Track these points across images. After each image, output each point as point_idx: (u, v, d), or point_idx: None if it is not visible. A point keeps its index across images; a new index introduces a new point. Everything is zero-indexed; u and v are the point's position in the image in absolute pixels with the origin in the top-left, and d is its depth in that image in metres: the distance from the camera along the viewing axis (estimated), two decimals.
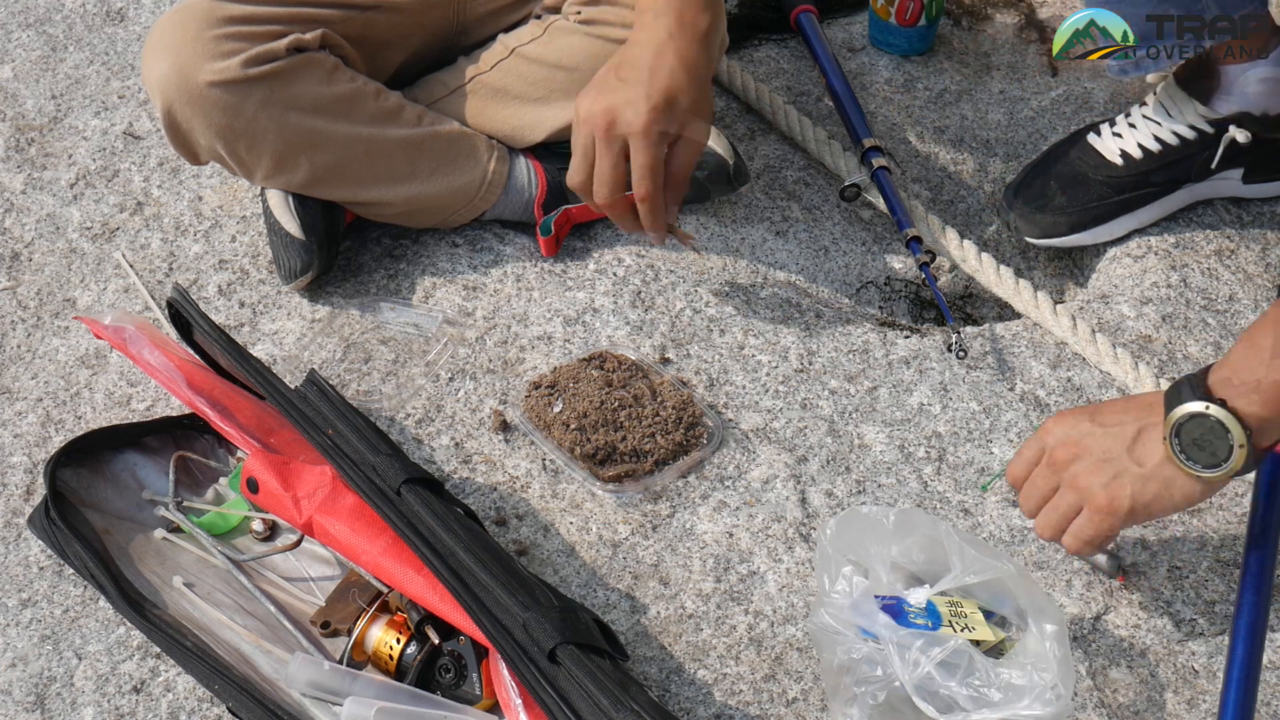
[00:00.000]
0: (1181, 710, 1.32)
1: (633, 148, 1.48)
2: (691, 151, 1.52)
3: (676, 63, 1.47)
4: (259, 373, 1.42)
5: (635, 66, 1.47)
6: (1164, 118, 1.67)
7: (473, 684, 1.29)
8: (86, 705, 1.36)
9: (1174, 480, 1.22)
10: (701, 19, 1.48)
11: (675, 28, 1.47)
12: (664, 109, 1.46)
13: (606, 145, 1.48)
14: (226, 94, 1.59)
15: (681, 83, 1.47)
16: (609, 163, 1.49)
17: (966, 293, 1.74)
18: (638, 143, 1.47)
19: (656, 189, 1.50)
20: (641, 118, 1.46)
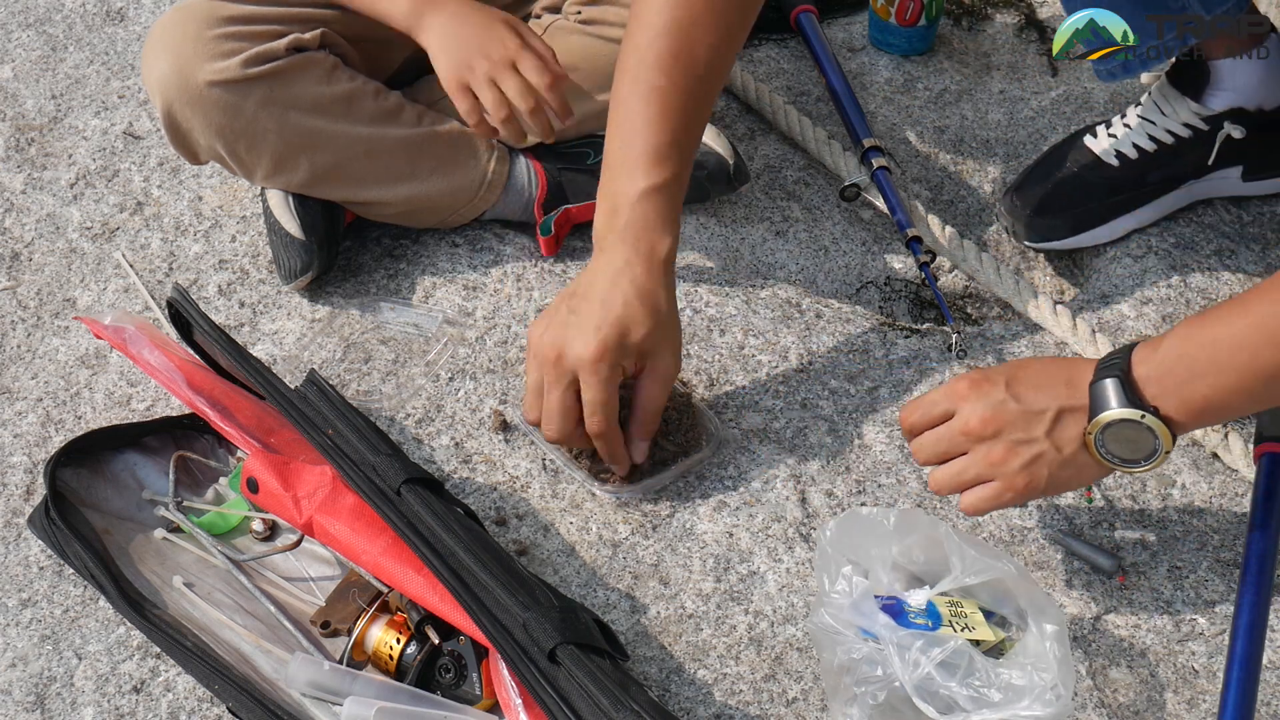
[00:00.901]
0: (1181, 710, 1.32)
1: (582, 383, 1.38)
2: (657, 385, 1.41)
3: (631, 292, 1.37)
4: (259, 373, 1.42)
5: (587, 297, 1.38)
6: (1158, 116, 1.67)
7: (473, 684, 1.29)
8: (86, 705, 1.36)
9: (1089, 466, 1.25)
10: (660, 244, 1.39)
11: (632, 255, 1.38)
12: (615, 342, 1.36)
13: (555, 380, 1.39)
14: (226, 94, 1.59)
15: (636, 314, 1.37)
16: (556, 397, 1.39)
17: (966, 293, 1.74)
18: (586, 378, 1.37)
19: (609, 426, 1.40)
20: (590, 350, 1.36)
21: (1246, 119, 1.64)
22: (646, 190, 1.40)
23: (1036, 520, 1.47)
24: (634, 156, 1.40)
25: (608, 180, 1.43)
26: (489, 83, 1.56)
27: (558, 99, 1.57)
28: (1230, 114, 1.64)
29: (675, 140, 1.41)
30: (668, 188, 1.40)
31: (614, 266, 1.39)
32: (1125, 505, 1.48)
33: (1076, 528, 1.46)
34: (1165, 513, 1.47)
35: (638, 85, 1.41)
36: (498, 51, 1.56)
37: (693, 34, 1.40)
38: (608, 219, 1.42)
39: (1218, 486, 1.49)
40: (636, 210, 1.40)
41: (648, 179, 1.40)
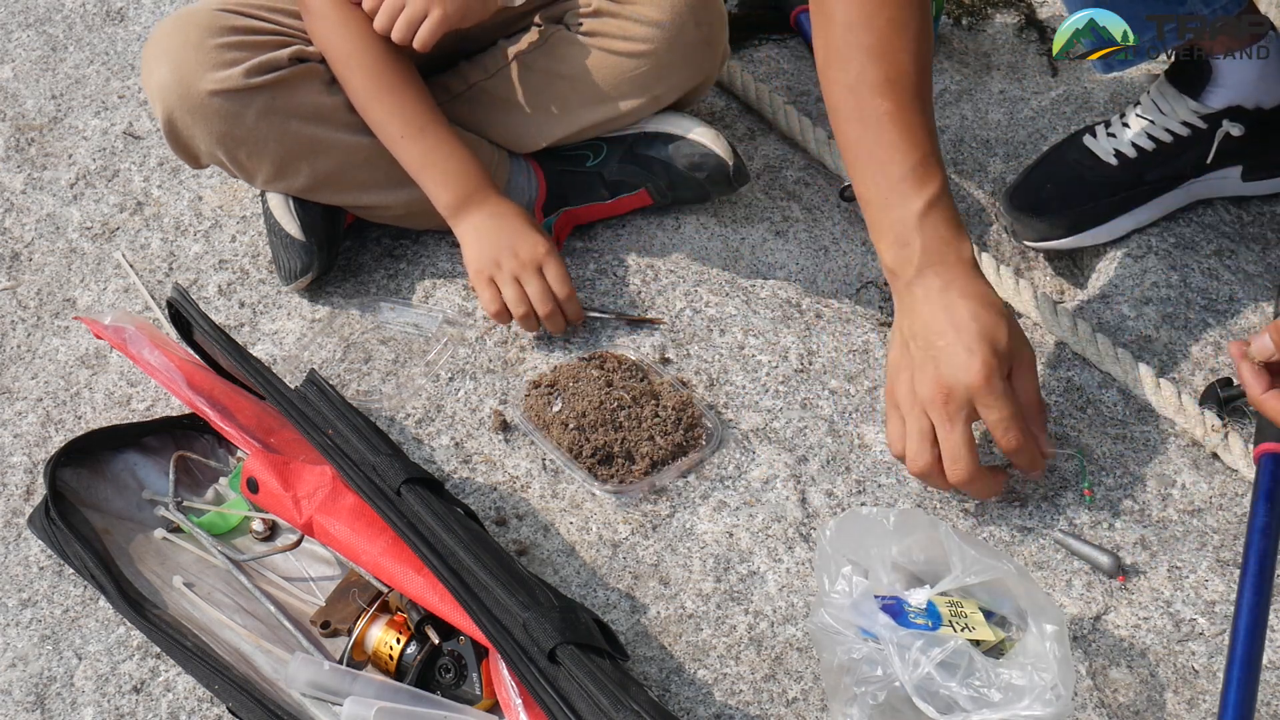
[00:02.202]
0: (1181, 710, 1.32)
1: (981, 408, 1.36)
2: (1028, 376, 1.40)
3: (975, 305, 1.37)
4: (259, 373, 1.42)
5: (934, 330, 1.37)
6: (1156, 115, 1.67)
7: (473, 684, 1.29)
8: (86, 705, 1.36)
9: None
10: (964, 249, 1.40)
11: (945, 272, 1.38)
12: (992, 356, 1.35)
13: (951, 417, 1.36)
14: (227, 103, 1.59)
15: (989, 321, 1.36)
16: (959, 434, 1.36)
17: None
18: (985, 400, 1.35)
19: (1025, 434, 1.37)
20: (978, 375, 1.34)
21: (1245, 117, 1.64)
22: (924, 208, 1.39)
23: (1036, 520, 1.47)
24: (896, 183, 1.40)
25: (879, 217, 1.42)
26: (513, 280, 1.62)
27: (574, 309, 1.64)
28: (1229, 112, 1.64)
29: (926, 153, 1.40)
30: (942, 198, 1.40)
31: (937, 291, 1.38)
32: (1125, 505, 1.48)
33: (1076, 528, 1.46)
34: (1165, 513, 1.47)
35: (865, 120, 1.41)
36: (527, 253, 1.62)
37: (894, 52, 1.40)
38: (899, 251, 1.41)
39: (1218, 486, 1.49)
40: (925, 230, 1.39)
41: (921, 198, 1.39)
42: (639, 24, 1.65)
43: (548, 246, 1.64)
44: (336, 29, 1.63)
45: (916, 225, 1.39)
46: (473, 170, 1.66)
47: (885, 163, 1.40)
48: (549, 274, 1.63)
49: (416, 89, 1.65)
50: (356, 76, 1.63)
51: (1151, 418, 1.56)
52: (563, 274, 1.63)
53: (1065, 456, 1.50)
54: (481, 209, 1.65)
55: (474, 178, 1.65)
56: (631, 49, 1.66)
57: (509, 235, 1.64)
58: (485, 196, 1.66)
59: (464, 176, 1.65)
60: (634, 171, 1.74)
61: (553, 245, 1.66)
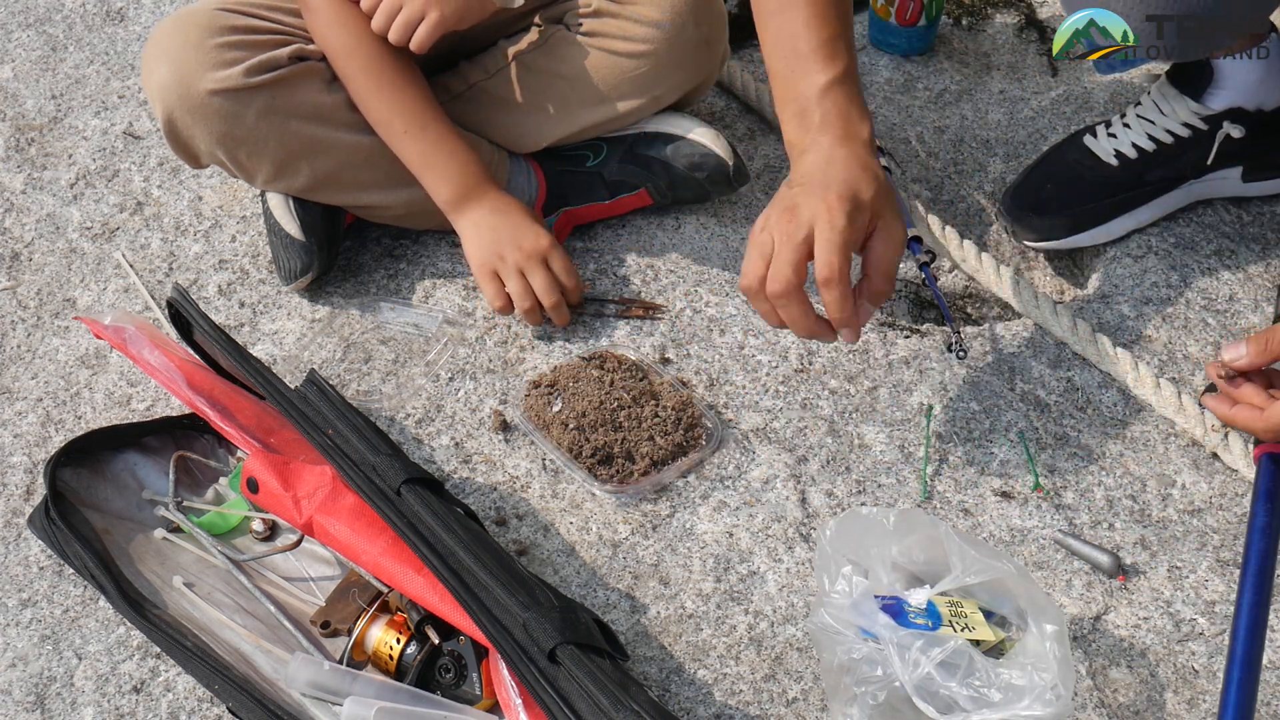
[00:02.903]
0: (1181, 710, 1.32)
1: (816, 230, 1.31)
2: (890, 246, 1.36)
3: (852, 164, 1.36)
4: (259, 373, 1.42)
5: (808, 177, 1.36)
6: (1157, 116, 1.67)
7: (473, 684, 1.29)
8: (86, 705, 1.36)
9: None
10: (861, 128, 1.40)
11: (837, 141, 1.38)
12: (849, 196, 1.33)
13: (786, 234, 1.32)
14: (227, 102, 1.59)
15: (861, 178, 1.35)
16: (788, 248, 1.32)
17: (966, 293, 1.74)
18: (820, 224, 1.31)
19: (844, 268, 1.31)
20: (824, 202, 1.32)
21: (1246, 119, 1.64)
22: (829, 83, 1.40)
23: (1036, 520, 1.47)
24: (804, 58, 1.41)
25: (784, 89, 1.42)
26: (517, 273, 1.63)
27: (577, 299, 1.66)
28: (1230, 114, 1.64)
29: (836, 34, 1.41)
30: (848, 77, 1.41)
31: (824, 154, 1.37)
32: (1125, 505, 1.48)
33: (1076, 528, 1.46)
34: (1165, 513, 1.47)
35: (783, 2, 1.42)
36: (530, 244, 1.64)
37: None
38: (799, 121, 1.41)
39: (1218, 486, 1.49)
40: (826, 104, 1.40)
41: (827, 74, 1.40)
42: (639, 24, 1.65)
43: (551, 239, 1.65)
44: (336, 26, 1.63)
45: (817, 99, 1.40)
46: (474, 166, 1.66)
47: (793, 39, 1.41)
48: (554, 265, 1.64)
49: (417, 85, 1.65)
50: (358, 73, 1.63)
51: (1151, 418, 1.56)
52: (568, 265, 1.65)
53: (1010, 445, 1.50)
54: (482, 204, 1.65)
55: (475, 173, 1.66)
56: (631, 49, 1.66)
57: (512, 229, 1.64)
58: (486, 192, 1.66)
59: (465, 172, 1.65)
60: (634, 171, 1.74)
61: (555, 238, 1.66)
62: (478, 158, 1.68)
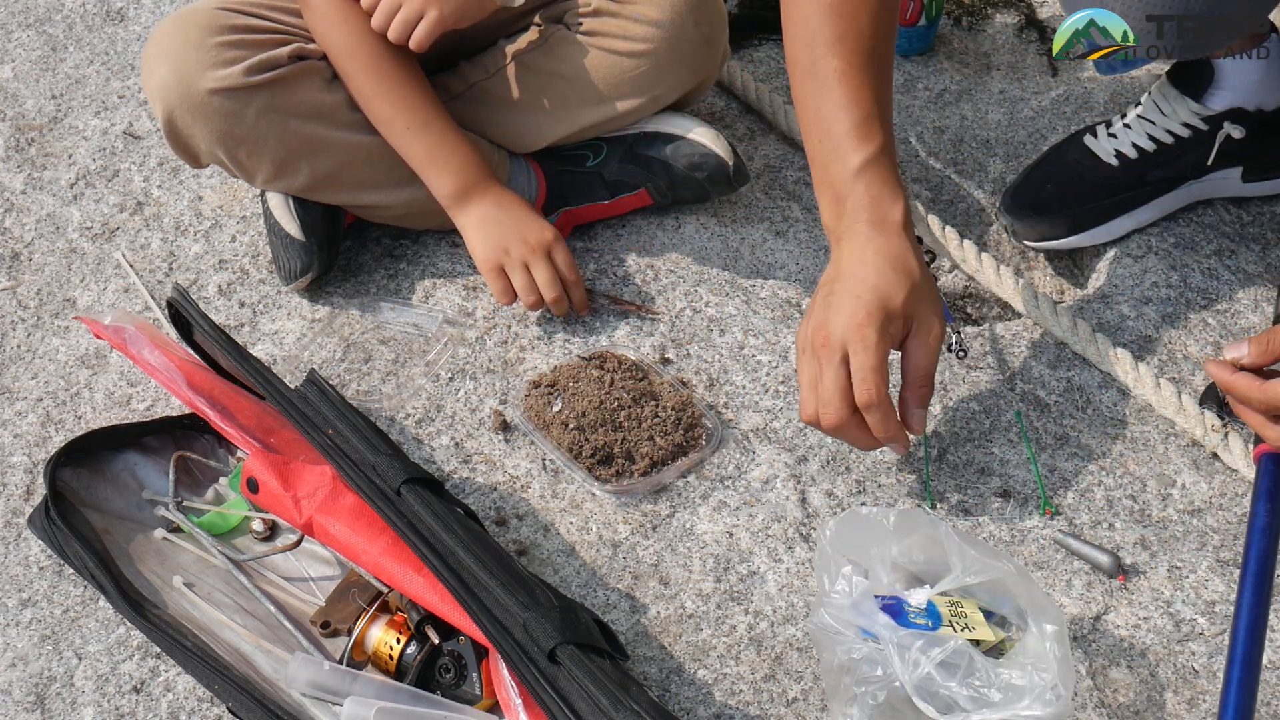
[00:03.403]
0: (1181, 710, 1.32)
1: (850, 352, 1.35)
2: (925, 347, 1.38)
3: (882, 262, 1.37)
4: (259, 373, 1.42)
5: (840, 279, 1.38)
6: (1158, 116, 1.67)
7: (473, 684, 1.29)
8: (86, 705, 1.36)
9: None
10: (894, 211, 1.40)
11: (869, 229, 1.39)
12: (877, 306, 1.35)
13: (826, 360, 1.35)
14: (227, 101, 1.59)
15: (891, 279, 1.36)
16: (831, 378, 1.35)
17: (966, 293, 1.74)
18: (853, 345, 1.34)
19: (880, 394, 1.35)
20: (855, 318, 1.34)
21: (1246, 119, 1.64)
22: (862, 166, 1.40)
23: (1036, 520, 1.47)
24: (838, 141, 1.41)
25: (821, 173, 1.43)
26: (522, 267, 1.64)
27: (580, 294, 1.66)
28: (1230, 114, 1.64)
29: (871, 113, 1.41)
30: (881, 157, 1.41)
31: (858, 246, 1.39)
32: (1125, 505, 1.48)
33: (1076, 528, 1.46)
34: (1165, 513, 1.47)
35: (817, 77, 1.42)
36: (535, 238, 1.64)
37: (851, 11, 1.41)
38: (834, 208, 1.42)
39: (1218, 486, 1.49)
40: (859, 188, 1.40)
41: (859, 155, 1.40)
42: (639, 24, 1.65)
43: (554, 232, 1.66)
44: (338, 24, 1.63)
45: (852, 182, 1.40)
46: (476, 162, 1.66)
47: (829, 119, 1.41)
48: (557, 259, 1.64)
49: (419, 82, 1.66)
50: (359, 71, 1.63)
51: (1151, 418, 1.56)
52: (570, 259, 1.65)
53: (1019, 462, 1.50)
54: (485, 199, 1.66)
55: (478, 169, 1.66)
56: (631, 49, 1.66)
57: (515, 223, 1.65)
58: (489, 187, 1.67)
59: (468, 168, 1.66)
60: (634, 171, 1.74)
61: (558, 231, 1.67)
62: (480, 154, 1.68)
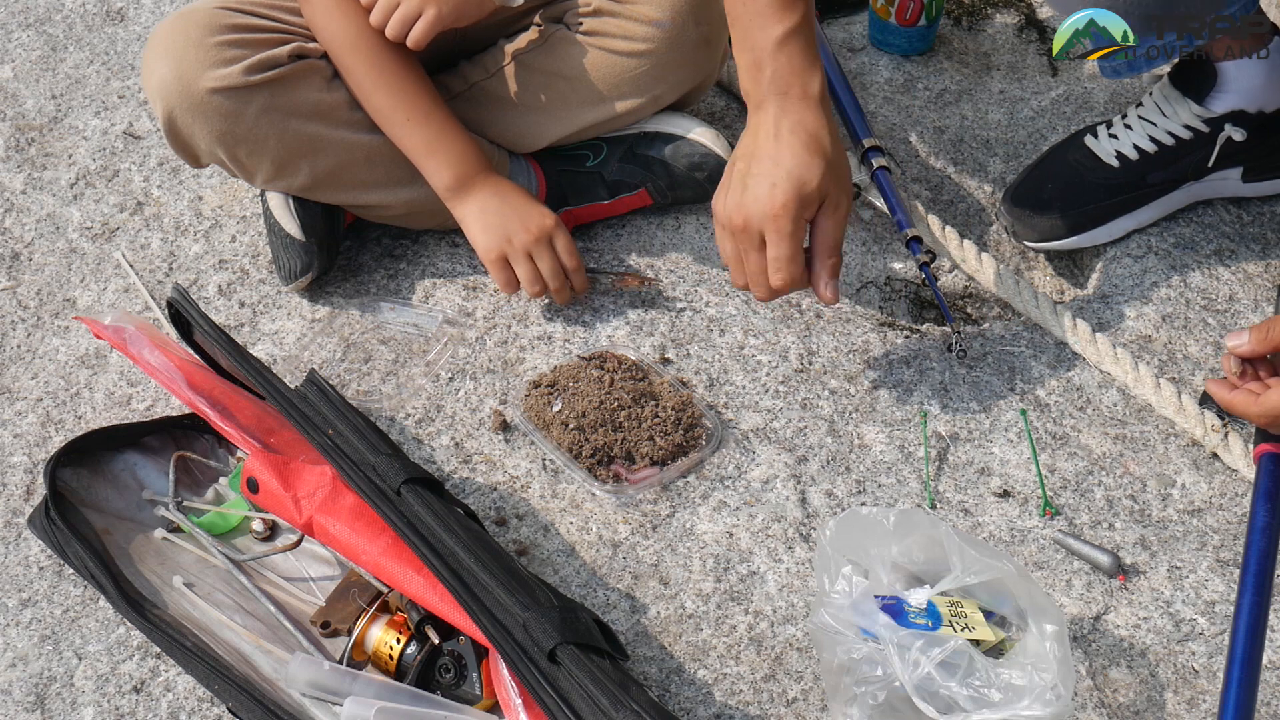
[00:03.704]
0: (1181, 710, 1.32)
1: (767, 240, 1.42)
2: (834, 221, 1.45)
3: (797, 141, 1.41)
4: (259, 373, 1.42)
5: (756, 156, 1.42)
6: (1159, 118, 1.67)
7: (473, 684, 1.29)
8: (86, 705, 1.36)
9: None
10: (811, 83, 1.43)
11: (785, 101, 1.42)
12: (793, 196, 1.40)
13: (748, 244, 1.43)
14: (227, 100, 1.59)
15: (806, 162, 1.40)
16: (754, 261, 1.44)
17: (966, 293, 1.74)
18: (770, 235, 1.41)
19: (795, 278, 1.44)
20: (771, 207, 1.40)
21: (1247, 121, 1.64)
22: (783, 36, 1.42)
23: (1036, 520, 1.47)
24: (760, 8, 1.43)
25: (742, 37, 1.45)
26: (525, 256, 1.64)
27: (581, 280, 1.67)
28: (1231, 116, 1.64)
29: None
30: (801, 28, 1.43)
31: (772, 119, 1.42)
32: (1125, 505, 1.48)
33: (1076, 528, 1.46)
34: (1165, 513, 1.47)
35: None
36: (536, 226, 1.64)
37: None
38: (753, 74, 1.45)
39: (1218, 486, 1.49)
40: (780, 57, 1.43)
41: (781, 26, 1.42)
42: (639, 24, 1.65)
43: (555, 219, 1.66)
44: (337, 18, 1.63)
45: (771, 52, 1.43)
46: (475, 153, 1.67)
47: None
48: (558, 246, 1.65)
49: (418, 75, 1.66)
50: (359, 64, 1.63)
51: (1151, 418, 1.56)
52: (571, 245, 1.66)
53: None
54: (484, 189, 1.66)
55: (477, 160, 1.67)
56: (632, 48, 1.66)
57: (516, 212, 1.65)
58: (488, 177, 1.67)
59: (467, 158, 1.66)
60: (634, 171, 1.74)
61: (559, 218, 1.68)
62: (478, 146, 1.68)
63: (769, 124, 1.43)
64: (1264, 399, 1.36)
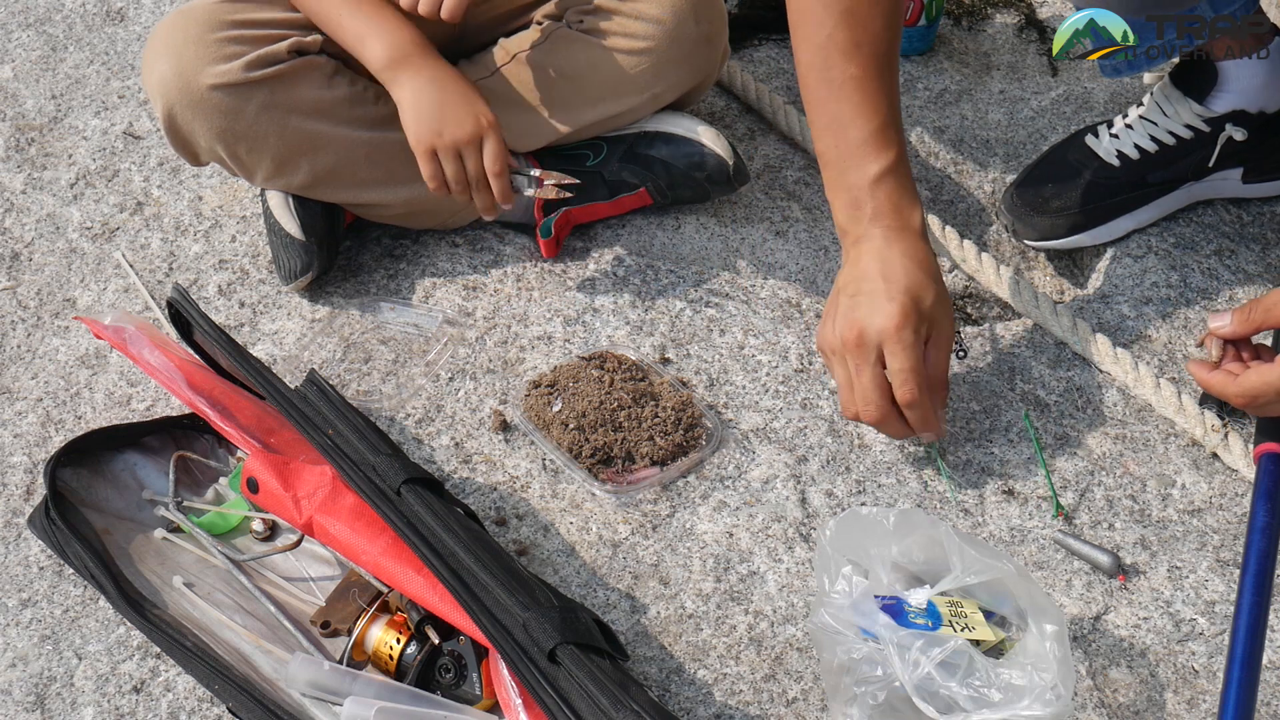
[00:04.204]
0: (1181, 710, 1.32)
1: (888, 354, 1.39)
2: (943, 349, 1.43)
3: (910, 263, 1.40)
4: (259, 373, 1.42)
5: (867, 279, 1.41)
6: (1160, 117, 1.67)
7: (473, 684, 1.29)
8: (86, 705, 1.36)
9: None
10: (913, 217, 1.43)
11: (891, 233, 1.42)
12: (912, 308, 1.38)
13: (862, 360, 1.40)
14: (227, 97, 1.59)
15: (920, 280, 1.40)
16: (869, 377, 1.40)
17: (966, 293, 1.74)
18: (892, 347, 1.38)
19: (922, 392, 1.40)
20: (892, 320, 1.38)
21: (1248, 121, 1.64)
22: (880, 173, 1.42)
23: (1036, 520, 1.47)
24: (855, 147, 1.43)
25: (836, 178, 1.45)
26: (454, 154, 1.59)
27: (502, 186, 1.60)
28: (1232, 116, 1.64)
29: (887, 120, 1.43)
30: (899, 166, 1.43)
31: (878, 248, 1.41)
32: (1125, 505, 1.48)
33: (1076, 528, 1.46)
34: (1165, 513, 1.47)
35: (831, 82, 1.43)
36: (471, 123, 1.58)
37: (865, 17, 1.42)
38: (851, 212, 1.44)
39: (1218, 486, 1.49)
40: (879, 194, 1.42)
41: (878, 164, 1.42)
42: (640, 21, 1.65)
43: (491, 118, 1.59)
44: None
45: (869, 190, 1.42)
46: (413, 34, 1.60)
47: (846, 126, 1.43)
48: (487, 149, 1.59)
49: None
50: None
51: (1151, 418, 1.56)
52: (498, 150, 1.59)
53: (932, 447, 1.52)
54: (421, 71, 1.59)
55: (414, 40, 1.60)
56: (632, 46, 1.66)
57: (453, 105, 1.58)
58: (426, 59, 1.60)
59: (403, 35, 1.59)
60: (634, 171, 1.74)
61: (495, 117, 1.60)
62: (420, 31, 1.61)
63: (875, 252, 1.41)
64: (1242, 379, 1.37)
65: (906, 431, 1.44)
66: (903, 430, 1.44)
